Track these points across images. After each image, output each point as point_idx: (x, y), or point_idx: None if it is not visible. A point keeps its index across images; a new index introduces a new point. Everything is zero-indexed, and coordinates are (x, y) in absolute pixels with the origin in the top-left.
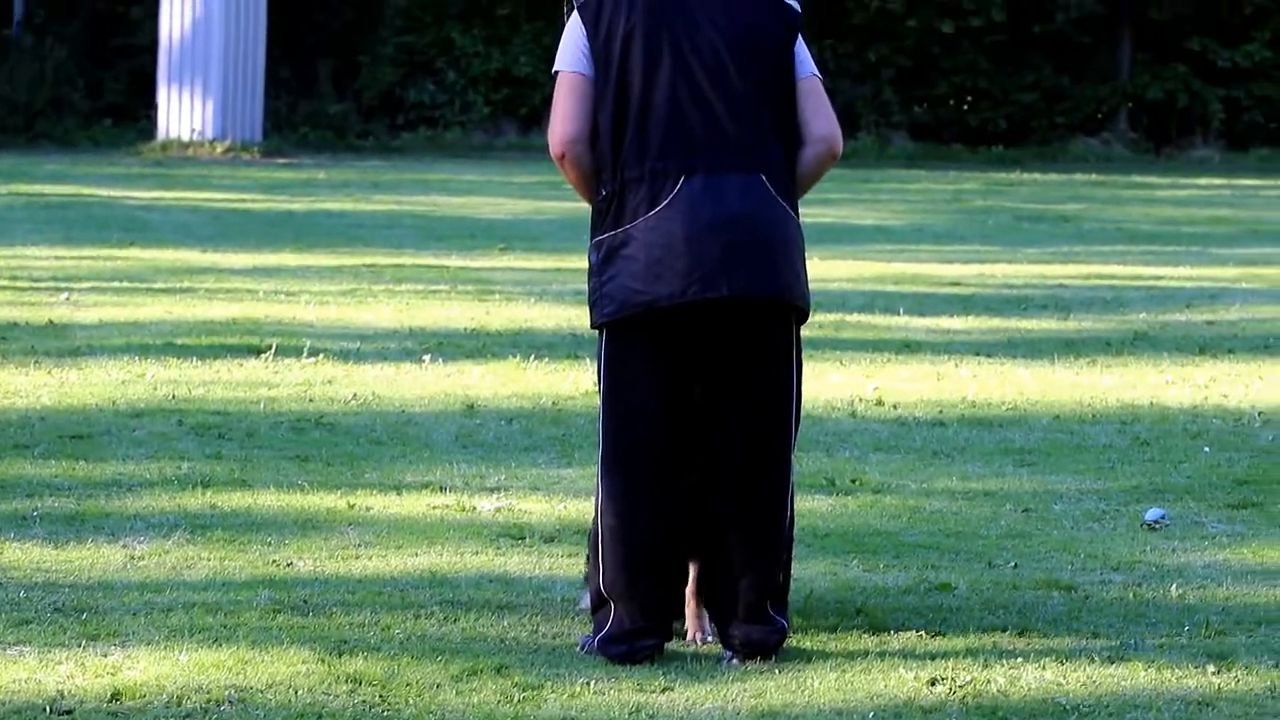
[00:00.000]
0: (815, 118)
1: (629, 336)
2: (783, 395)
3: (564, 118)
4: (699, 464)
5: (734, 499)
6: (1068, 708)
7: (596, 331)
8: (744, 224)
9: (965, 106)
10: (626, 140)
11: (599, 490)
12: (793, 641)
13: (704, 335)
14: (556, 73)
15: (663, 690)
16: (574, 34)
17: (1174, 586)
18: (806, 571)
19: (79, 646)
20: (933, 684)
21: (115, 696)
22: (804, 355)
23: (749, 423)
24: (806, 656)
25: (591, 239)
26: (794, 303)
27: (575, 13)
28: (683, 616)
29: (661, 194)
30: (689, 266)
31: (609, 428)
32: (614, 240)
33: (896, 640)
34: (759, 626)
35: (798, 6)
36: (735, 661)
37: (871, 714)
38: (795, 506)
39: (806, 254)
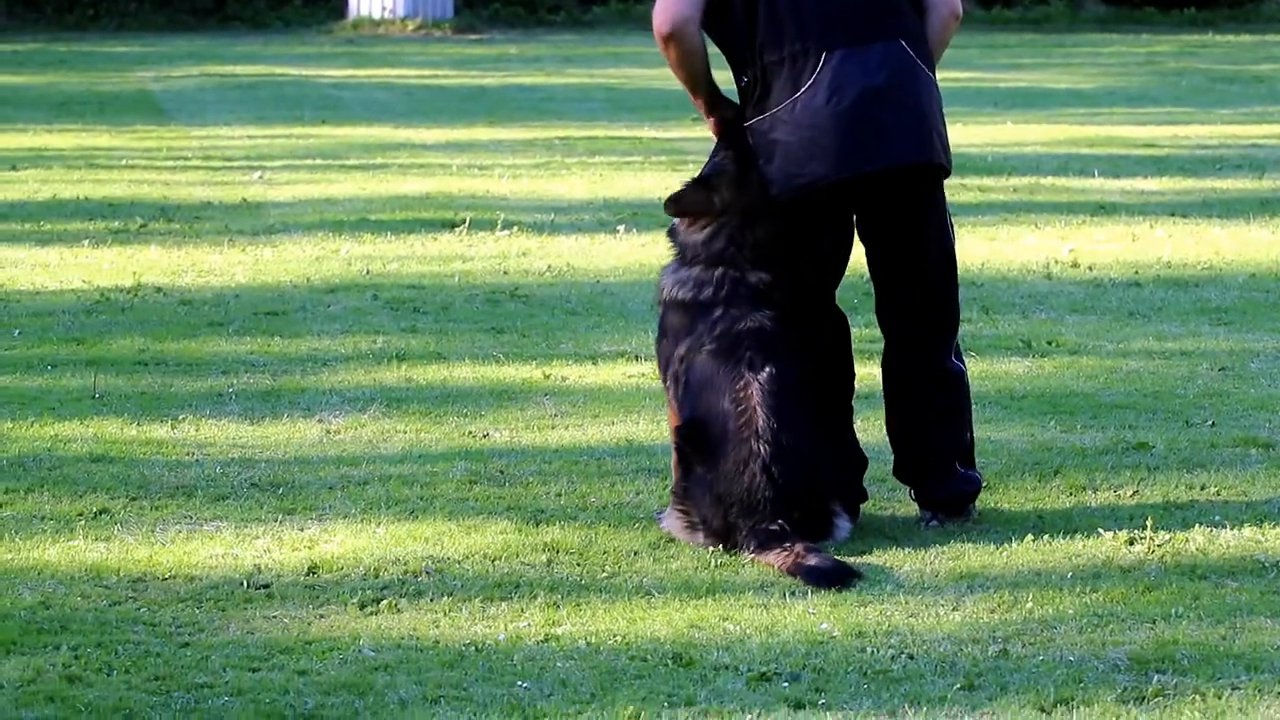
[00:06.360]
0: None
1: (789, 214)
2: (945, 253)
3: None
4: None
5: (910, 361)
6: (1266, 565)
7: None
8: (888, 93)
9: None
10: (760, 25)
11: None
12: (990, 503)
13: (862, 205)
14: None
15: (860, 553)
16: None
17: None
18: (1003, 434)
19: (276, 521)
20: (1131, 543)
21: (312, 570)
22: (999, 219)
23: (918, 284)
24: (1004, 518)
25: None
26: (944, 164)
27: None
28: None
29: (804, 75)
30: (840, 144)
31: None
32: (761, 125)
33: (1094, 500)
34: (953, 479)
35: None
36: (934, 523)
37: (1070, 574)
38: (968, 365)
39: (991, 116)
